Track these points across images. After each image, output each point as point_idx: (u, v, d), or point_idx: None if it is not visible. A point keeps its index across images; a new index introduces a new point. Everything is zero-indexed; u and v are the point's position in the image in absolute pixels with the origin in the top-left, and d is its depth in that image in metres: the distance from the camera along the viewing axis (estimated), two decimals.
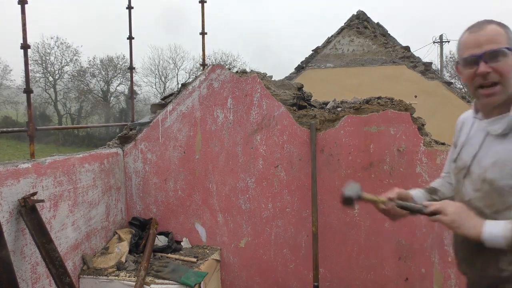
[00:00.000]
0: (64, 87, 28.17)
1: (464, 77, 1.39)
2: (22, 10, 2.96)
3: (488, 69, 1.28)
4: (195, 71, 27.32)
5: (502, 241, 1.21)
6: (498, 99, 1.32)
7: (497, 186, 1.31)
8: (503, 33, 1.31)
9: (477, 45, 1.30)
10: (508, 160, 1.30)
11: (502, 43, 1.29)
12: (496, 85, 1.30)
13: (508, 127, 1.32)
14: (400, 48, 8.52)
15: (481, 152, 1.39)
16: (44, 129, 4.55)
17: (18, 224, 2.16)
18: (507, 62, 1.29)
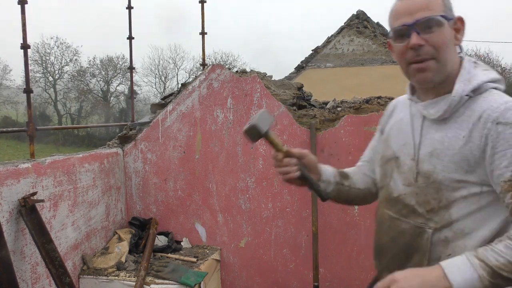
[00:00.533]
0: (64, 87, 28.16)
1: (396, 53, 1.19)
2: (22, 10, 2.96)
3: (421, 41, 1.09)
4: (195, 71, 27.33)
5: (479, 284, 0.95)
6: (432, 75, 1.12)
7: (434, 180, 1.12)
8: (439, 1, 1.12)
9: (409, 13, 1.11)
10: (449, 149, 1.10)
11: (436, 11, 1.10)
12: (429, 59, 1.11)
13: (448, 111, 1.12)
14: None
15: (415, 140, 1.20)
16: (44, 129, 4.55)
17: (18, 224, 2.16)
18: (443, 33, 1.10)
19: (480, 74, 1.15)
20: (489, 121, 1.05)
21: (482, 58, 24.01)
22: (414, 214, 1.18)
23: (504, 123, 1.03)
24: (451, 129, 1.12)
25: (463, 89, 1.12)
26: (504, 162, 1.03)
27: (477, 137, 1.07)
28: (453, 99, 1.12)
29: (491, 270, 0.94)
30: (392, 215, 1.25)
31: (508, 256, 0.95)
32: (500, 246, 0.97)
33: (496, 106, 1.06)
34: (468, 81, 1.13)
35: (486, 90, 1.12)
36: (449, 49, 1.13)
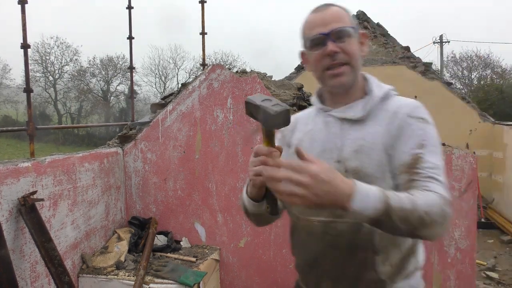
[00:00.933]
0: (64, 87, 28.16)
1: (312, 61, 1.27)
2: (22, 9, 2.96)
3: (337, 48, 1.20)
4: (195, 71, 27.32)
5: (370, 212, 0.96)
6: (346, 80, 1.23)
7: (364, 174, 1.17)
8: (347, 15, 1.27)
9: (324, 24, 1.22)
10: (373, 143, 1.19)
11: (347, 23, 1.24)
12: (344, 65, 1.22)
13: (368, 110, 1.23)
14: (400, 48, 8.53)
15: (336, 144, 1.25)
16: (44, 128, 4.56)
17: (18, 223, 2.17)
18: (353, 42, 1.24)
19: (383, 84, 1.33)
20: (402, 115, 1.21)
21: (482, 59, 24.01)
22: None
23: (413, 117, 1.20)
24: (371, 127, 1.23)
25: (378, 91, 1.27)
26: (405, 148, 1.16)
27: (393, 129, 1.20)
28: (373, 99, 1.25)
29: (388, 207, 0.97)
30: (324, 219, 1.23)
31: (405, 204, 1.00)
32: (400, 194, 1.03)
33: (407, 104, 1.25)
34: (379, 86, 1.30)
35: (391, 96, 1.29)
36: (358, 58, 1.26)
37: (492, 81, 19.59)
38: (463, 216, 2.84)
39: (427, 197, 1.04)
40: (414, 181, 1.10)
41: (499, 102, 13.37)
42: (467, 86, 22.98)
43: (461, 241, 2.86)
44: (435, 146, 1.18)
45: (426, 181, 1.09)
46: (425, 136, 1.17)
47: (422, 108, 1.25)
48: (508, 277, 4.70)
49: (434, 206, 1.02)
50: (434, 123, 1.24)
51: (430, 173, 1.11)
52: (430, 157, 1.13)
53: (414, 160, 1.13)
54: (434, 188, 1.08)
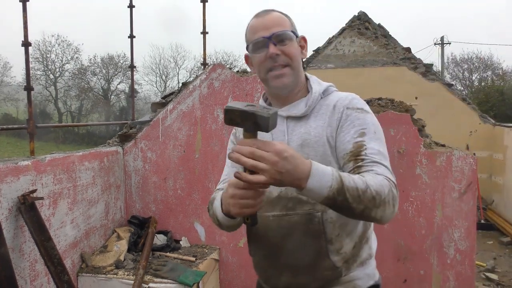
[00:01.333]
0: (65, 85, 28.17)
1: (255, 64, 1.34)
2: (24, 8, 2.96)
3: (278, 51, 1.27)
4: (196, 70, 27.32)
5: (325, 190, 1.00)
6: (288, 81, 1.30)
7: None
8: (287, 20, 1.34)
9: (265, 28, 1.29)
10: (316, 137, 1.27)
11: (287, 27, 1.31)
12: (285, 66, 1.29)
13: (311, 106, 1.31)
14: (401, 49, 8.52)
15: (283, 140, 1.31)
16: (44, 126, 4.56)
17: (17, 221, 2.16)
18: (294, 45, 1.30)
19: (323, 81, 1.41)
20: (341, 107, 1.28)
21: (483, 60, 23.99)
22: (301, 204, 1.26)
23: (351, 108, 1.27)
24: (313, 122, 1.30)
25: (319, 88, 1.35)
26: (347, 138, 1.22)
27: (334, 121, 1.27)
28: (314, 95, 1.33)
29: (342, 186, 1.02)
30: (278, 213, 1.30)
31: (358, 184, 1.05)
32: (353, 176, 1.08)
33: (345, 97, 1.32)
34: (319, 84, 1.38)
35: (331, 92, 1.37)
36: (299, 60, 1.34)
37: (492, 83, 19.57)
38: (462, 217, 2.84)
39: (376, 179, 1.10)
40: (360, 167, 1.16)
41: (500, 103, 13.37)
42: (468, 88, 22.98)
43: (460, 242, 2.86)
44: (376, 133, 1.24)
45: (371, 165, 1.16)
46: (364, 125, 1.24)
47: (359, 99, 1.32)
48: (507, 278, 4.69)
49: (383, 186, 1.08)
50: (371, 112, 1.31)
51: (375, 158, 1.17)
52: (371, 144, 1.20)
53: (357, 148, 1.20)
54: (380, 171, 1.14)
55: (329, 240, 1.25)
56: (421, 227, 2.91)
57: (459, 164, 2.82)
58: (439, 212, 2.87)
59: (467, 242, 2.85)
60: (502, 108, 13.20)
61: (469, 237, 2.85)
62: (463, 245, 2.86)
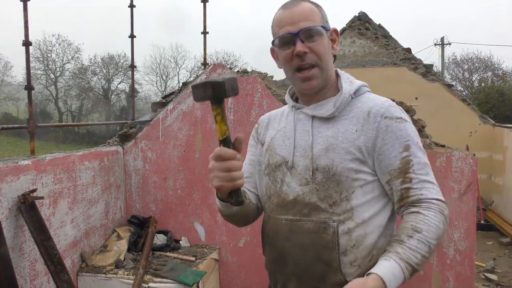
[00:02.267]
0: (65, 85, 28.16)
1: (281, 60, 1.25)
2: (24, 7, 2.96)
3: (306, 48, 1.18)
4: (197, 70, 27.31)
5: (400, 282, 1.07)
6: (316, 83, 1.22)
7: (334, 172, 1.17)
8: (318, 12, 1.22)
9: (293, 22, 1.18)
10: (344, 143, 1.18)
11: (317, 22, 1.20)
12: (313, 67, 1.20)
13: (339, 108, 1.22)
14: (401, 50, 8.52)
15: (307, 141, 1.24)
16: (44, 126, 4.56)
17: (17, 221, 2.17)
18: (323, 42, 1.20)
19: (355, 79, 1.31)
20: (378, 116, 1.19)
21: (483, 61, 23.99)
22: (317, 211, 1.19)
23: (390, 117, 1.19)
24: (342, 125, 1.21)
25: (350, 88, 1.25)
26: (393, 153, 1.16)
27: (368, 130, 1.18)
28: (344, 96, 1.23)
29: (412, 269, 1.06)
30: (291, 217, 1.23)
31: (422, 251, 1.07)
32: (414, 242, 1.08)
33: (381, 103, 1.22)
34: (350, 83, 1.27)
35: (364, 93, 1.28)
36: (329, 57, 1.24)
37: (492, 84, 19.58)
38: (462, 218, 2.84)
39: (431, 221, 1.10)
40: (408, 189, 1.15)
41: (500, 104, 13.36)
42: (468, 88, 22.97)
43: (460, 242, 2.86)
44: (418, 142, 1.20)
45: (420, 189, 1.15)
46: (407, 136, 1.18)
47: (396, 107, 1.24)
48: (507, 279, 4.70)
49: (439, 225, 1.11)
50: (409, 118, 1.25)
51: (422, 176, 1.16)
52: (417, 158, 1.17)
53: (404, 164, 1.16)
54: (430, 195, 1.14)
55: (342, 252, 1.17)
56: None
57: (459, 165, 2.82)
58: None
59: (466, 242, 2.85)
60: (502, 109, 13.19)
61: (468, 238, 2.85)
62: (462, 246, 2.86)
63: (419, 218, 1.10)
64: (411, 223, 1.11)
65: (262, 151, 1.39)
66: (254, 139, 1.48)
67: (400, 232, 1.12)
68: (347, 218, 1.17)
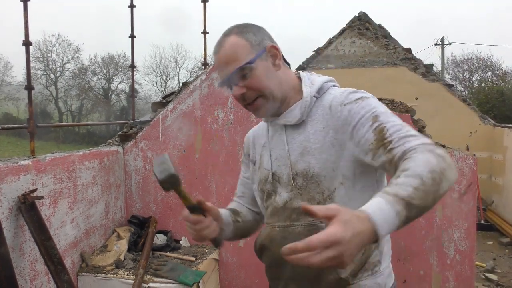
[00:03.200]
0: (65, 85, 28.16)
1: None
2: (25, 7, 2.96)
3: (242, 90, 1.19)
4: (197, 70, 27.30)
5: (396, 221, 0.92)
6: (265, 110, 1.24)
7: (312, 174, 1.19)
8: (243, 44, 1.19)
9: (221, 69, 1.21)
10: (316, 143, 1.20)
11: (242, 58, 1.17)
12: (257, 99, 1.21)
13: (304, 112, 1.23)
14: (402, 50, 8.52)
15: (284, 150, 1.27)
16: (44, 126, 4.56)
17: (18, 220, 2.17)
18: (257, 74, 1.19)
19: (317, 78, 1.30)
20: (338, 106, 1.19)
21: (483, 61, 23.98)
22: (304, 215, 1.18)
23: (349, 102, 1.18)
24: (311, 126, 1.23)
25: (310, 91, 1.25)
26: (364, 129, 1.13)
27: (333, 122, 1.18)
28: (305, 100, 1.23)
29: (405, 202, 0.92)
30: (282, 224, 1.26)
31: (413, 183, 0.93)
32: (400, 180, 0.95)
33: (339, 94, 1.22)
34: (311, 84, 1.27)
35: (327, 89, 1.27)
36: (271, 81, 1.21)
37: (492, 84, 19.57)
38: (462, 218, 2.85)
39: (417, 159, 0.98)
40: (391, 149, 1.06)
41: (500, 104, 13.36)
42: (468, 88, 22.97)
43: (460, 242, 2.86)
44: (386, 111, 1.15)
45: (402, 142, 1.05)
46: (372, 109, 1.14)
47: (355, 91, 1.22)
48: (507, 279, 4.70)
49: (429, 159, 0.98)
50: (372, 95, 1.20)
51: (402, 134, 1.07)
52: (390, 122, 1.11)
53: (379, 133, 1.09)
54: (414, 143, 1.04)
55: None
56: (421, 227, 2.91)
57: (459, 165, 2.82)
58: (439, 212, 2.87)
59: (467, 242, 2.85)
60: (502, 109, 13.19)
61: (469, 238, 2.85)
62: (463, 246, 2.86)
63: (405, 163, 1.00)
64: (399, 169, 1.00)
65: (255, 170, 1.41)
66: (245, 157, 1.50)
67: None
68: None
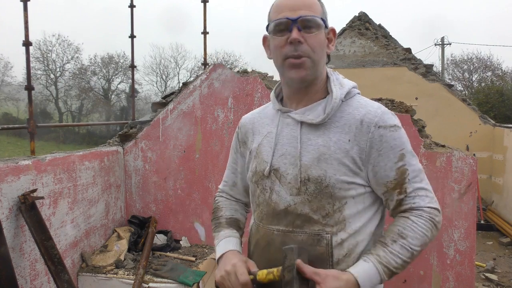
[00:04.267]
0: (65, 85, 28.16)
1: (273, 47, 1.19)
2: (25, 7, 2.96)
3: (301, 37, 1.11)
4: (197, 70, 27.31)
5: (378, 283, 1.10)
6: (305, 74, 1.14)
7: (327, 184, 1.13)
8: (319, 6, 1.18)
9: (292, 9, 1.12)
10: (337, 153, 1.13)
11: (318, 13, 1.14)
12: (305, 57, 1.13)
13: (329, 114, 1.16)
14: (402, 50, 8.52)
15: (295, 148, 1.18)
16: (44, 126, 4.57)
17: (18, 221, 2.17)
18: (320, 36, 1.15)
19: (345, 81, 1.24)
20: (371, 125, 1.13)
21: (483, 61, 23.98)
22: (310, 223, 1.16)
23: (384, 127, 1.13)
24: (334, 133, 1.15)
25: (340, 92, 1.18)
26: (388, 164, 1.13)
27: (362, 140, 1.13)
28: (334, 101, 1.16)
29: (392, 273, 1.08)
30: (283, 228, 1.19)
31: (404, 256, 1.09)
32: (397, 247, 1.09)
33: (374, 111, 1.15)
34: (340, 85, 1.21)
35: (353, 95, 1.22)
36: (323, 53, 1.18)
37: (492, 84, 19.57)
38: (462, 218, 2.84)
39: (418, 229, 1.11)
40: (404, 199, 1.15)
41: (500, 104, 13.36)
42: (468, 88, 22.96)
43: (460, 242, 2.86)
44: (411, 151, 1.18)
45: (414, 196, 1.15)
46: (402, 145, 1.15)
47: (389, 113, 1.18)
48: (507, 279, 4.70)
49: (426, 234, 1.12)
50: (400, 124, 1.20)
51: (416, 184, 1.15)
52: (412, 166, 1.16)
53: (400, 175, 1.14)
54: (422, 202, 1.14)
55: (335, 262, 1.15)
56: None
57: (459, 165, 2.82)
58: None
59: (467, 242, 2.85)
60: (502, 109, 13.20)
61: (469, 238, 2.85)
62: (463, 246, 2.86)
63: (407, 223, 1.12)
64: (399, 227, 1.12)
65: (250, 158, 1.32)
66: (237, 145, 1.42)
67: (386, 235, 1.14)
68: (339, 229, 1.16)
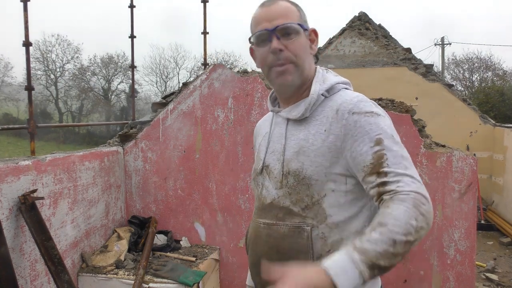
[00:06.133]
0: (65, 85, 28.17)
1: (259, 58, 1.25)
2: (25, 7, 2.96)
3: (281, 46, 1.16)
4: (197, 70, 27.33)
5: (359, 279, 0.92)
6: (291, 79, 1.20)
7: (304, 176, 1.16)
8: (295, 11, 1.22)
9: (269, 20, 1.18)
10: (314, 145, 1.16)
11: (294, 19, 1.19)
12: (289, 63, 1.19)
13: (308, 109, 1.20)
14: (402, 50, 8.52)
15: (281, 144, 1.24)
16: (45, 126, 4.57)
17: (18, 221, 2.17)
18: (300, 41, 1.19)
19: (331, 77, 1.27)
20: (345, 112, 1.14)
21: (483, 61, 23.98)
22: (291, 215, 1.19)
23: (358, 112, 1.13)
24: (313, 126, 1.19)
25: (319, 88, 1.21)
26: (364, 148, 1.10)
27: (336, 128, 1.14)
28: (311, 97, 1.20)
29: (371, 263, 0.92)
30: (268, 221, 1.24)
31: (385, 244, 0.93)
32: (375, 234, 0.95)
33: (350, 99, 1.17)
34: (322, 81, 1.24)
35: (339, 90, 1.24)
36: (306, 56, 1.22)
37: (493, 84, 19.58)
38: (463, 218, 2.84)
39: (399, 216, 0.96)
40: (385, 183, 1.05)
41: (500, 104, 13.37)
42: (468, 88, 22.97)
43: (460, 242, 2.86)
44: (394, 136, 1.11)
45: (396, 182, 1.04)
46: (379, 130, 1.10)
47: (366, 101, 1.17)
48: (507, 279, 4.69)
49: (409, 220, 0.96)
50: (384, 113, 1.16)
51: (399, 170, 1.05)
52: (392, 151, 1.07)
53: (377, 159, 1.07)
54: (407, 188, 1.02)
55: (317, 257, 1.14)
56: None
57: (459, 165, 2.82)
58: (439, 212, 2.87)
59: (467, 242, 2.85)
60: (502, 108, 13.20)
61: (469, 238, 2.85)
62: (463, 246, 2.86)
63: (387, 211, 0.99)
64: (379, 217, 1.00)
65: (254, 158, 1.42)
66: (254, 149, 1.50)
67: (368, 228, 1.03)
68: (320, 222, 1.16)
